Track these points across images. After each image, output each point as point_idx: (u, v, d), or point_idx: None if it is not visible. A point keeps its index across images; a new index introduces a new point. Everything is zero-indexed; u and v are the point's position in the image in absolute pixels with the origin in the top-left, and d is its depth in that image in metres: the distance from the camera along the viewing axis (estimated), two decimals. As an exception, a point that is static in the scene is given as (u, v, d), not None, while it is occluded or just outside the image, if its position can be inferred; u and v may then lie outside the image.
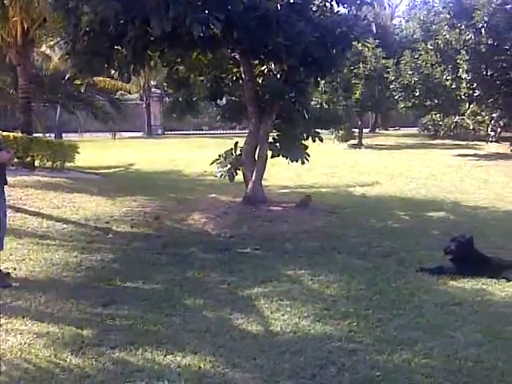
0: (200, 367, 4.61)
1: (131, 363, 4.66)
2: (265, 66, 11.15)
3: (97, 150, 24.17)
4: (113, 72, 12.73)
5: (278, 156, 11.82)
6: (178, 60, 11.43)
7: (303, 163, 11.81)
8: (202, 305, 6.05)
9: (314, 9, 10.13)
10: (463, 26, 22.24)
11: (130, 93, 36.89)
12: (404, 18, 34.72)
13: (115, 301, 6.08)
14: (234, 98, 12.38)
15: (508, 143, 24.26)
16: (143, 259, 7.83)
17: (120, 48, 9.51)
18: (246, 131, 12.09)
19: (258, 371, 4.53)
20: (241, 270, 7.28)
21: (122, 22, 8.51)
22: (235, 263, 7.57)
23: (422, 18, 26.41)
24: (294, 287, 6.59)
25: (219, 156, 12.06)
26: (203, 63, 11.56)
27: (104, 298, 6.14)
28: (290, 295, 6.29)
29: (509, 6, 21.63)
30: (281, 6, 8.29)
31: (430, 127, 32.42)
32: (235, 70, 11.70)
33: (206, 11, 8.06)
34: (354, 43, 11.20)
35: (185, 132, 38.43)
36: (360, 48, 26.05)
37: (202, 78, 12.01)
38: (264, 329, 5.43)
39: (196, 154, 23.04)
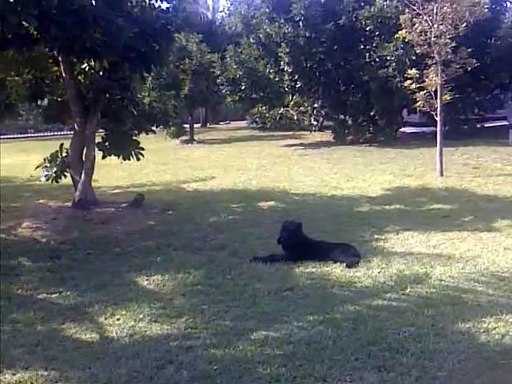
0: (32, 383, 4.36)
1: (-48, 390, 4.31)
2: (86, 64, 10.76)
3: None
4: None
5: (110, 155, 11.52)
6: (-9, 60, 10.69)
7: (138, 159, 11.65)
8: (32, 317, 5.72)
9: (133, 4, 9.94)
10: (282, 20, 23.07)
11: None
12: (225, 13, 35.29)
13: None
14: (56, 98, 11.84)
15: (330, 131, 25.61)
16: (-36, 276, 7.24)
17: None
18: (74, 132, 11.65)
19: (92, 380, 4.38)
20: (73, 277, 6.99)
21: None
22: (66, 270, 7.26)
23: (242, 12, 26.98)
24: (128, 289, 6.45)
25: (44, 159, 11.51)
26: (20, 62, 10.90)
27: None
28: (125, 298, 6.15)
29: (323, 0, 22.79)
30: (96, 1, 8.01)
31: (257, 119, 33.33)
32: (55, 68, 11.18)
33: (19, 7, 7.55)
34: (178, 38, 11.16)
35: (7, 136, 36.26)
36: (185, 43, 26.12)
37: (19, 78, 11.33)
38: (99, 336, 5.26)
39: (21, 159, 21.75)
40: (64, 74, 10.76)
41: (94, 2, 7.98)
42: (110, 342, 5.07)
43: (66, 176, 11.60)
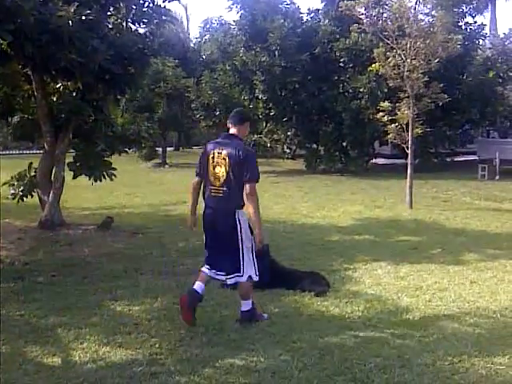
0: (-12, 409, 4.25)
1: None
2: (60, 83, 10.71)
3: None
4: None
5: (81, 175, 11.42)
6: (-37, 76, 10.58)
7: (111, 179, 11.56)
8: (-9, 339, 5.57)
9: (110, 26, 9.96)
10: (258, 48, 23.31)
11: None
12: (202, 39, 35.42)
13: None
14: (27, 116, 11.73)
15: (302, 160, 25.79)
16: None
17: None
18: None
19: (52, 407, 4.26)
20: (36, 299, 6.84)
21: None
22: (30, 292, 7.11)
23: (219, 39, 27.21)
24: (93, 313, 6.33)
25: (12, 177, 11.36)
26: (-9, 79, 10.82)
27: None
28: (90, 322, 6.04)
29: (299, 30, 23.10)
30: (73, 22, 7.99)
31: (231, 145, 33.40)
32: (27, 86, 11.10)
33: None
34: (154, 62, 11.17)
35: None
36: (161, 67, 26.20)
37: (-11, 94, 11.23)
38: (61, 360, 5.13)
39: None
40: (36, 93, 10.68)
41: (70, 23, 7.95)
42: (72, 367, 4.96)
43: (33, 196, 11.46)
